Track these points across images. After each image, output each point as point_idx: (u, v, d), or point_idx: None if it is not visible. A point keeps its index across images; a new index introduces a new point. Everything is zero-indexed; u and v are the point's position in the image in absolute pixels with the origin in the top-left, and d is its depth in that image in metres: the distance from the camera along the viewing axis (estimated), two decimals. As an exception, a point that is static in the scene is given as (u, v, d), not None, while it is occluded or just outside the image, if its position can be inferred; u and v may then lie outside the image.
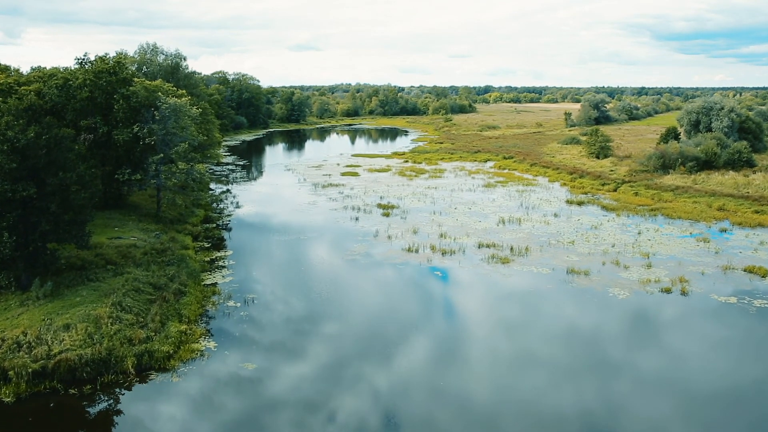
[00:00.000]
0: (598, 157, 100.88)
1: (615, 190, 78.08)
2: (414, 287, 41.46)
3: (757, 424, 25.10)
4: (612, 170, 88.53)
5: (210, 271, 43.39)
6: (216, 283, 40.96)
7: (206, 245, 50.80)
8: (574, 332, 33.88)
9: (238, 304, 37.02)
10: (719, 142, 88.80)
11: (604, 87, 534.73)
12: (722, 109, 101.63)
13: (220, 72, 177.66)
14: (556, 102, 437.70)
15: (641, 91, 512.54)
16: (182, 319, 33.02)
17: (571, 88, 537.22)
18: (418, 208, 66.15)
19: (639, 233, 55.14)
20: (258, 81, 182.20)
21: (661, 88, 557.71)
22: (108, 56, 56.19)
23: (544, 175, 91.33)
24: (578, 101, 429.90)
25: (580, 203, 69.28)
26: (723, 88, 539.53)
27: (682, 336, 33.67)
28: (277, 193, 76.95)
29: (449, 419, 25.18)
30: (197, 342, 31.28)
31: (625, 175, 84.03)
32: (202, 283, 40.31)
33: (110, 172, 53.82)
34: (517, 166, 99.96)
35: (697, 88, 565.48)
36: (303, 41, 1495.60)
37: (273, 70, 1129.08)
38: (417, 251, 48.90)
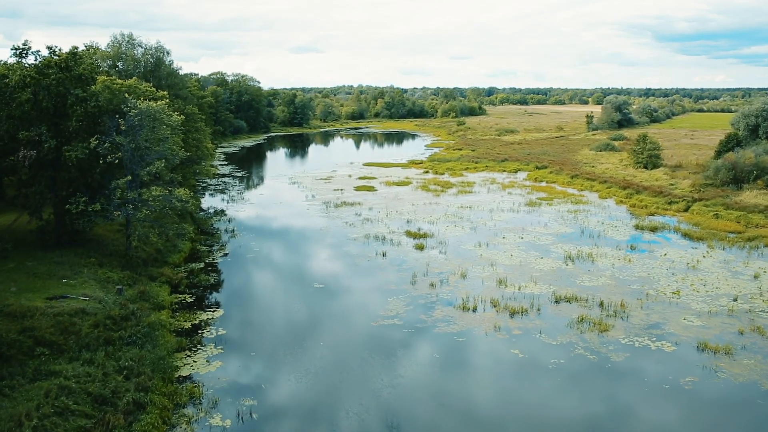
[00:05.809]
0: (646, 167, 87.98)
1: (686, 210, 65.12)
2: (487, 383, 28.34)
3: None
4: (672, 184, 75.58)
5: (189, 350, 30.30)
6: (197, 373, 27.93)
7: (189, 299, 37.75)
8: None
9: (228, 422, 23.87)
10: (793, 151, 75.92)
11: (609, 88, 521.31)
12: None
13: (218, 73, 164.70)
14: (564, 103, 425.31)
15: (647, 93, 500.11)
16: (133, 469, 20.02)
17: (577, 89, 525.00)
18: (456, 236, 53.13)
19: (756, 277, 42.20)
20: (258, 82, 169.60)
21: (667, 89, 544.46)
22: (77, 49, 42.68)
23: (591, 189, 78.29)
24: (585, 102, 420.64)
25: (652, 229, 56.28)
26: (726, 89, 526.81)
27: None
28: (282, 216, 63.73)
29: None
30: None
31: (691, 191, 71.09)
32: (175, 377, 27.25)
33: (63, 199, 40.83)
34: (555, 177, 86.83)
35: (703, 89, 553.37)
36: (303, 43, 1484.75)
37: (273, 72, 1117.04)
38: (474, 310, 35.88)
